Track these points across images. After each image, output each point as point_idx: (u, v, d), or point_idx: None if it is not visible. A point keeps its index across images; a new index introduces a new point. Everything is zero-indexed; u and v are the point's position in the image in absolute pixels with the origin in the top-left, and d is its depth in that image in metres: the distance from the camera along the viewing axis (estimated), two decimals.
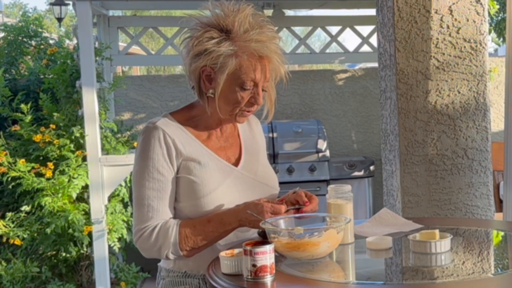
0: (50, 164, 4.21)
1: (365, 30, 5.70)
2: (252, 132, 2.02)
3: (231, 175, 1.87)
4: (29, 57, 5.47)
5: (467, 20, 3.07)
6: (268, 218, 1.74)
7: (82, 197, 4.39)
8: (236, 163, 1.91)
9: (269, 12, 5.49)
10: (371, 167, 5.20)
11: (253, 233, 1.90)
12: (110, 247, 4.41)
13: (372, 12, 5.39)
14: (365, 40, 5.71)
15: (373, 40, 5.55)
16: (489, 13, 4.25)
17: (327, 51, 5.93)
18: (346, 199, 1.87)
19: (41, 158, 4.32)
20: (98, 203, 4.34)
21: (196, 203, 1.81)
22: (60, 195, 4.19)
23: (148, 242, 1.78)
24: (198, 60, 1.80)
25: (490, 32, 8.17)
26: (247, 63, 1.77)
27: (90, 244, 4.36)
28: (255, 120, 2.06)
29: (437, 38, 3.05)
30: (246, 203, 1.79)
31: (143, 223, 1.79)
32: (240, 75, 1.78)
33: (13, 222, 4.26)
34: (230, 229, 1.80)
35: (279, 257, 1.67)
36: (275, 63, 1.81)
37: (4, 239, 4.25)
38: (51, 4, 6.58)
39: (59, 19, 6.68)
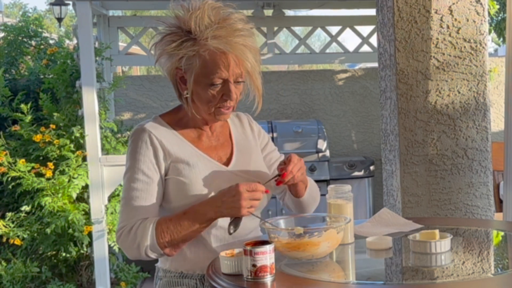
0: (50, 164, 4.21)
1: (365, 30, 5.70)
2: (244, 132, 2.01)
3: (221, 175, 1.85)
4: (29, 57, 5.47)
5: (467, 20, 3.07)
6: (244, 204, 1.70)
7: (82, 197, 4.39)
8: (227, 163, 1.90)
9: (269, 12, 5.48)
10: (371, 167, 5.20)
11: (250, 232, 1.89)
12: (110, 247, 4.42)
13: (372, 12, 5.39)
14: (365, 40, 5.72)
15: (373, 40, 5.55)
16: (489, 13, 4.25)
17: (327, 51, 5.93)
18: (346, 199, 1.87)
19: (41, 158, 4.32)
20: (98, 203, 4.34)
21: (185, 203, 1.79)
22: (60, 195, 4.19)
23: (127, 240, 1.75)
24: (165, 65, 1.81)
25: (490, 32, 8.17)
26: (210, 61, 1.75)
27: (90, 244, 4.36)
28: (246, 120, 2.04)
29: (437, 38, 3.05)
30: (221, 190, 1.75)
31: (124, 222, 1.78)
32: (206, 74, 1.77)
33: (13, 222, 4.26)
34: (206, 220, 1.75)
35: (279, 257, 1.67)
36: (242, 55, 1.77)
37: (4, 239, 4.25)
38: (51, 4, 6.58)
39: (59, 19, 6.68)
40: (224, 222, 1.84)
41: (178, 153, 1.82)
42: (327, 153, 5.09)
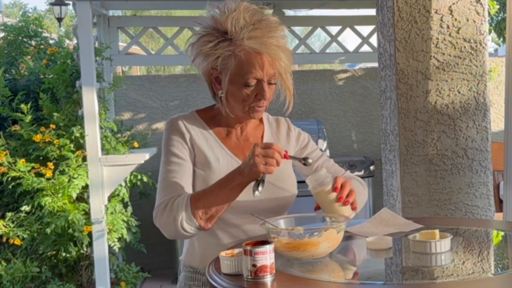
0: (50, 164, 4.21)
1: (365, 30, 5.70)
2: (278, 136, 2.04)
3: None
4: (29, 57, 5.47)
5: (467, 20, 3.07)
6: (258, 161, 1.71)
7: (82, 197, 4.39)
8: None
9: (269, 12, 5.47)
10: (371, 167, 5.20)
11: (262, 233, 1.90)
12: (110, 247, 4.41)
13: (372, 12, 5.39)
14: (365, 40, 5.71)
15: (373, 40, 5.55)
16: (489, 13, 4.25)
17: (327, 51, 5.93)
18: (327, 183, 1.86)
19: (41, 158, 4.32)
20: (98, 203, 4.34)
21: None
22: (60, 195, 4.19)
23: (163, 215, 1.81)
24: (201, 65, 1.87)
25: (490, 32, 8.17)
26: (246, 61, 1.81)
27: (90, 244, 4.36)
28: (285, 125, 2.08)
29: (437, 38, 3.05)
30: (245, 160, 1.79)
31: (159, 201, 1.85)
32: (241, 74, 1.82)
33: (13, 222, 4.26)
34: (234, 185, 1.78)
35: (279, 257, 1.67)
36: (276, 56, 1.82)
37: (4, 239, 4.25)
38: (51, 4, 6.58)
39: (59, 19, 6.68)
40: (237, 220, 1.87)
41: (204, 147, 1.90)
42: (327, 153, 5.08)
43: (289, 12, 6.39)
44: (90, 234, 4.30)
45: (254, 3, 1.91)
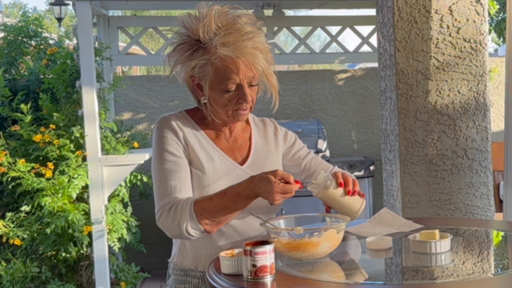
0: (50, 164, 4.21)
1: (365, 30, 5.70)
2: (266, 137, 2.05)
3: (233, 172, 1.90)
4: (29, 57, 5.47)
5: (467, 20, 3.07)
6: (277, 198, 1.73)
7: (82, 197, 4.39)
8: (242, 163, 1.95)
9: (269, 12, 5.48)
10: (371, 167, 5.20)
11: (261, 233, 1.90)
12: (110, 247, 4.41)
13: (372, 12, 5.39)
14: (365, 40, 5.71)
15: (373, 40, 5.55)
16: (489, 13, 4.25)
17: (327, 51, 5.93)
18: (331, 183, 1.86)
19: (41, 158, 4.32)
20: (98, 203, 4.34)
21: (199, 193, 1.85)
22: (60, 195, 4.19)
23: (167, 218, 1.79)
24: (180, 74, 1.87)
25: (490, 32, 8.17)
26: (222, 68, 1.80)
27: (90, 244, 4.36)
28: (272, 126, 2.08)
29: (437, 38, 3.05)
30: (261, 175, 1.77)
31: (163, 201, 1.82)
32: (220, 80, 1.81)
33: (13, 222, 4.26)
34: (247, 200, 1.79)
35: (279, 257, 1.67)
36: (252, 59, 1.80)
37: (4, 239, 4.25)
38: (51, 4, 6.58)
39: (59, 19, 6.68)
40: (233, 220, 1.86)
41: (196, 147, 1.89)
42: (327, 153, 5.08)
43: (289, 12, 6.39)
44: (90, 234, 4.30)
45: (255, 3, 1.90)
